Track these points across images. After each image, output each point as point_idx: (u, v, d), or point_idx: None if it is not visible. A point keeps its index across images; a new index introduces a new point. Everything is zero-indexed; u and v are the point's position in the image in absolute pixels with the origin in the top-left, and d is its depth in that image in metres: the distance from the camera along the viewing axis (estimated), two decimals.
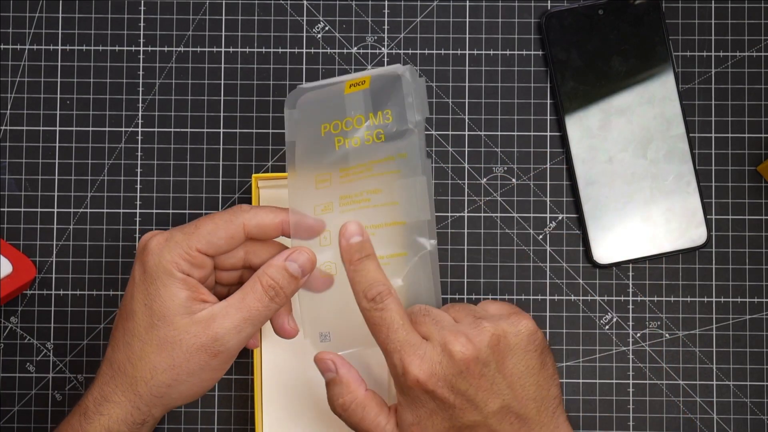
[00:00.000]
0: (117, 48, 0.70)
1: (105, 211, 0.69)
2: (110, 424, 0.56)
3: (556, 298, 0.69)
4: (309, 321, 0.60)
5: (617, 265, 0.69)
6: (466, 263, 0.69)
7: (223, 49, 0.70)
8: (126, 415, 0.56)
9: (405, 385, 0.55)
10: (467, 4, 0.71)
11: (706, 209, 0.69)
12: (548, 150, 0.70)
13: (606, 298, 0.69)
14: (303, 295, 0.60)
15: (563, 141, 0.70)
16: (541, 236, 0.69)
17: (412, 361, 0.54)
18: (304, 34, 0.70)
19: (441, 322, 0.56)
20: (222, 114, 0.70)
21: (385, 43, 0.70)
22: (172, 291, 0.55)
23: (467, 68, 0.70)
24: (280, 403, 0.66)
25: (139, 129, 0.70)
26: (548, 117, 0.70)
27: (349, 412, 0.57)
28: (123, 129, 0.70)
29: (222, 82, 0.70)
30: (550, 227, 0.69)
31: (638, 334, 0.69)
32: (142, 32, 0.70)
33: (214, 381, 0.57)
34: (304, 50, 0.70)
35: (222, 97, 0.70)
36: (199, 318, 0.55)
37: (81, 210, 0.69)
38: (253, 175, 0.65)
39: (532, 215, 0.69)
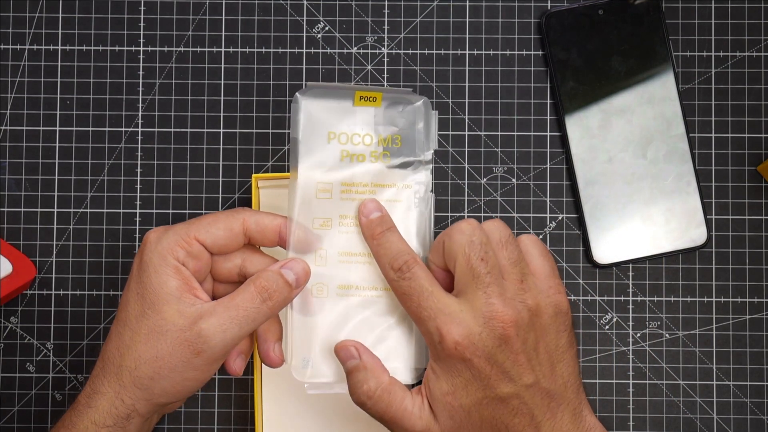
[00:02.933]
0: (117, 48, 0.70)
1: (105, 211, 0.69)
2: (97, 417, 0.55)
3: None
4: (295, 345, 0.59)
5: (617, 265, 0.69)
6: None
7: (223, 49, 0.70)
8: (110, 406, 0.56)
9: (442, 353, 0.54)
10: (467, 4, 0.71)
11: (706, 209, 0.69)
12: (548, 150, 0.70)
13: (606, 298, 0.69)
14: (295, 319, 0.59)
15: (563, 141, 0.70)
16: (541, 236, 0.69)
17: (450, 328, 0.53)
18: (304, 34, 0.70)
19: (492, 278, 0.54)
20: (222, 114, 0.70)
21: (385, 43, 0.70)
22: (163, 278, 0.55)
23: (467, 68, 0.70)
24: (280, 403, 0.66)
25: (139, 129, 0.70)
26: (548, 117, 0.70)
27: (374, 399, 0.56)
28: (123, 129, 0.70)
29: (222, 82, 0.70)
30: (550, 227, 0.69)
31: (638, 334, 0.69)
32: (142, 32, 0.70)
33: (198, 382, 0.56)
34: (304, 50, 0.70)
35: (222, 97, 0.70)
36: (188, 312, 0.55)
37: (81, 210, 0.69)
38: (253, 175, 0.65)
39: (532, 215, 0.69)
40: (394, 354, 0.59)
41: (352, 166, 0.59)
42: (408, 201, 0.59)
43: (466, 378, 0.54)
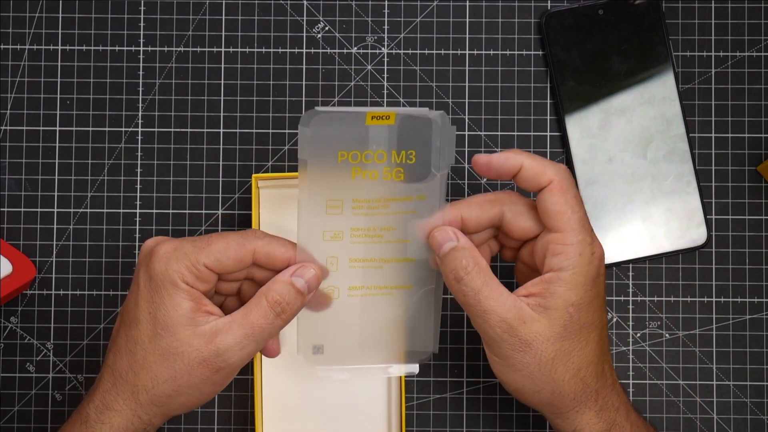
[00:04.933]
0: (117, 48, 0.70)
1: (105, 211, 0.69)
2: None
3: None
4: (303, 334, 0.59)
5: (617, 265, 0.69)
6: None
7: (223, 49, 0.70)
8: (127, 423, 0.56)
9: (590, 265, 0.55)
10: (467, 4, 0.71)
11: (706, 209, 0.69)
12: (548, 150, 0.70)
13: (606, 298, 0.69)
14: (304, 314, 0.59)
15: (563, 141, 0.70)
16: None
17: (599, 245, 0.56)
18: (304, 34, 0.70)
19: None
20: (222, 114, 0.70)
21: (385, 43, 0.70)
22: (177, 301, 0.55)
23: (467, 68, 0.70)
24: (280, 403, 0.66)
25: (139, 129, 0.70)
26: (548, 117, 0.70)
27: (471, 274, 0.55)
28: (123, 129, 0.70)
29: (222, 82, 0.70)
30: None
31: (638, 334, 0.69)
32: (142, 32, 0.70)
33: (215, 393, 0.57)
34: (304, 50, 0.70)
35: (222, 97, 0.70)
36: (203, 331, 0.55)
37: (81, 210, 0.69)
38: (253, 175, 0.65)
39: None
40: (403, 339, 0.60)
41: (364, 183, 0.57)
42: (422, 210, 0.58)
43: (594, 295, 0.55)
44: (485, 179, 0.70)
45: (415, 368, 0.60)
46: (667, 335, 0.69)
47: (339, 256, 0.58)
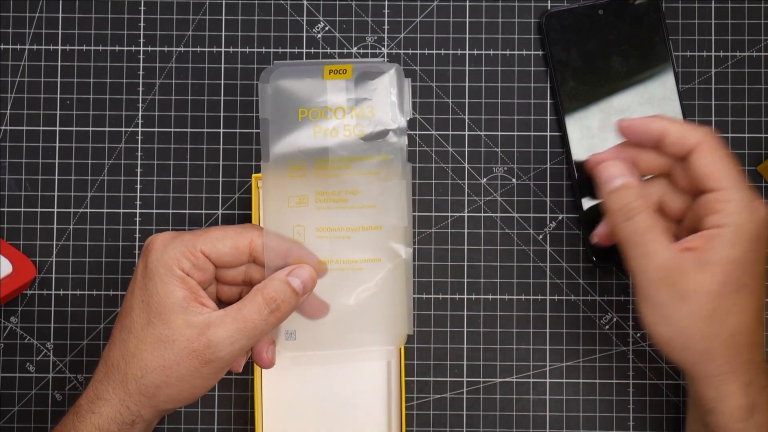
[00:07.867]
0: (117, 48, 0.70)
1: (105, 211, 0.69)
2: (101, 422, 0.55)
3: (556, 298, 0.69)
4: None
5: (617, 265, 0.69)
6: (466, 263, 0.69)
7: (223, 49, 0.70)
8: (115, 413, 0.56)
9: (759, 227, 0.53)
10: (467, 4, 0.71)
11: None
12: (548, 150, 0.70)
13: (606, 298, 0.69)
14: None
15: (563, 141, 0.70)
16: (541, 236, 0.69)
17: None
18: (304, 34, 0.70)
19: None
20: (222, 114, 0.70)
21: (385, 43, 0.70)
22: (170, 288, 0.55)
23: (467, 68, 0.70)
24: (280, 403, 0.66)
25: (139, 129, 0.70)
26: (548, 117, 0.70)
27: (641, 215, 0.54)
28: (123, 129, 0.70)
29: (222, 82, 0.70)
30: (550, 227, 0.69)
31: (638, 334, 0.69)
32: (142, 32, 0.70)
33: (205, 389, 0.56)
34: (304, 50, 0.70)
35: (222, 97, 0.70)
36: (195, 322, 0.55)
37: (81, 210, 0.69)
38: (253, 175, 0.65)
39: (532, 215, 0.69)
40: (377, 321, 0.59)
41: (326, 141, 0.58)
42: (386, 171, 0.58)
43: (755, 258, 0.53)
44: (485, 179, 0.70)
45: (392, 353, 0.60)
46: None
47: (306, 225, 0.58)
